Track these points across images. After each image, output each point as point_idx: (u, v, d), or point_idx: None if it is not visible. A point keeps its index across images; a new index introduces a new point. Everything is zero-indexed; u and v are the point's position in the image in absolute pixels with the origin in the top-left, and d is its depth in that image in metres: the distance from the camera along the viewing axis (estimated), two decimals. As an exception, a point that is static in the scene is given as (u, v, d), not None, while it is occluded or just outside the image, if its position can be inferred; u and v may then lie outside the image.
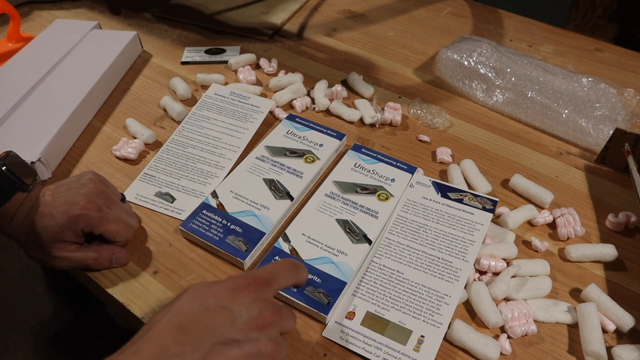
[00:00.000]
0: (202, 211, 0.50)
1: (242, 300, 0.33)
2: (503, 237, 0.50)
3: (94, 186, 0.44)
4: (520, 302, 0.43)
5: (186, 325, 0.30)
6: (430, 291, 0.44)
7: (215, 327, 0.31)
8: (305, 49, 0.80)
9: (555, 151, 0.62)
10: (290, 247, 0.47)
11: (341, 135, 0.60)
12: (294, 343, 0.41)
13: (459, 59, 0.68)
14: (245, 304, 0.33)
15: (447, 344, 0.41)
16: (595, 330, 0.41)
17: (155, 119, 0.64)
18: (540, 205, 0.53)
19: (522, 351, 0.41)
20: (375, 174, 0.55)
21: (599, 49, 0.81)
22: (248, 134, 0.60)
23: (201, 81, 0.69)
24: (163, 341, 0.30)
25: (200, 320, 0.31)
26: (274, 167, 0.55)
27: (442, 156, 0.59)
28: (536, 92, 0.64)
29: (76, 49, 0.72)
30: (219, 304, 0.32)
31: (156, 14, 0.87)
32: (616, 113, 0.61)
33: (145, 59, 0.76)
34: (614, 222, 0.51)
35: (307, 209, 0.51)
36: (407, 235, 0.49)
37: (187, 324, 0.30)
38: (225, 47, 0.78)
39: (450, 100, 0.70)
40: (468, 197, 0.52)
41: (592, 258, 0.48)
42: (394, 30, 0.86)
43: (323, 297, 0.43)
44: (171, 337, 0.30)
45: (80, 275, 0.47)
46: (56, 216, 0.42)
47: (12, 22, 0.74)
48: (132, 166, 0.57)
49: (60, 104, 0.61)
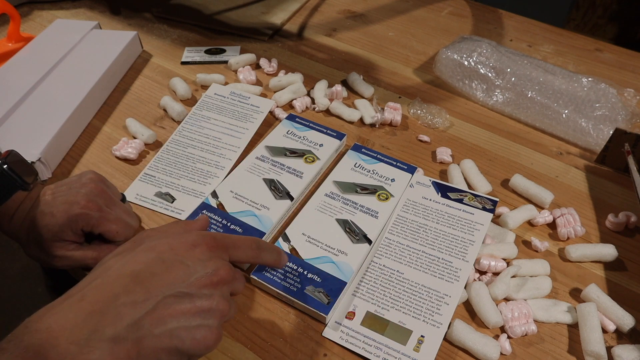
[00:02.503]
0: (202, 211, 0.50)
1: (198, 256, 0.32)
2: (503, 237, 0.50)
3: (94, 186, 0.45)
4: (520, 302, 0.43)
5: (139, 275, 0.30)
6: (430, 291, 0.44)
7: (169, 280, 0.30)
8: (305, 49, 0.80)
9: (555, 151, 0.62)
10: (290, 247, 0.47)
11: (341, 135, 0.60)
12: (294, 343, 0.41)
13: (459, 59, 0.68)
14: (202, 261, 0.32)
15: (447, 344, 0.41)
16: (595, 330, 0.41)
17: (155, 119, 0.64)
18: (540, 205, 0.53)
19: (522, 351, 0.41)
20: (375, 174, 0.55)
21: (599, 49, 0.81)
22: (248, 134, 0.60)
23: (201, 81, 0.69)
24: (113, 288, 0.29)
25: (155, 272, 0.30)
26: (274, 167, 0.55)
27: (442, 156, 0.59)
28: (536, 92, 0.64)
29: (76, 49, 0.72)
30: (175, 257, 0.32)
31: (156, 14, 0.87)
32: (616, 113, 0.61)
33: (145, 59, 0.76)
34: (614, 222, 0.51)
35: (307, 209, 0.51)
36: (407, 235, 0.49)
37: (140, 273, 0.30)
38: (225, 47, 0.78)
39: (450, 100, 0.70)
40: (468, 197, 0.52)
41: (592, 258, 0.48)
42: (394, 30, 0.86)
43: (323, 296, 0.43)
44: (122, 286, 0.29)
45: (80, 275, 0.47)
46: (56, 215, 0.42)
47: (12, 22, 0.74)
48: (132, 166, 0.57)
49: (60, 104, 0.61)
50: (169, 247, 0.32)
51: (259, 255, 0.38)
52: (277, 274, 0.45)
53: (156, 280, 0.30)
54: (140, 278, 0.30)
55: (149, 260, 0.31)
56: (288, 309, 0.44)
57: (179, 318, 0.30)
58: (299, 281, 0.44)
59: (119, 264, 0.31)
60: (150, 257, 0.31)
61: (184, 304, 0.30)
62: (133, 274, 0.30)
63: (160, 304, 0.29)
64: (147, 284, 0.30)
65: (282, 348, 0.41)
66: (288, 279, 0.44)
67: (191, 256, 0.32)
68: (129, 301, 0.29)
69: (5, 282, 0.64)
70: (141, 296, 0.29)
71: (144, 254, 0.32)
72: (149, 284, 0.30)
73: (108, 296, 0.29)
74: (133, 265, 0.31)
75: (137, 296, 0.29)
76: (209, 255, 0.33)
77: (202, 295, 0.31)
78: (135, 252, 0.32)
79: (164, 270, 0.31)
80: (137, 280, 0.30)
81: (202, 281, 0.32)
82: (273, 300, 0.44)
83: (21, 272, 0.64)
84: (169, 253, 0.32)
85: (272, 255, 0.40)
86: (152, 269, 0.30)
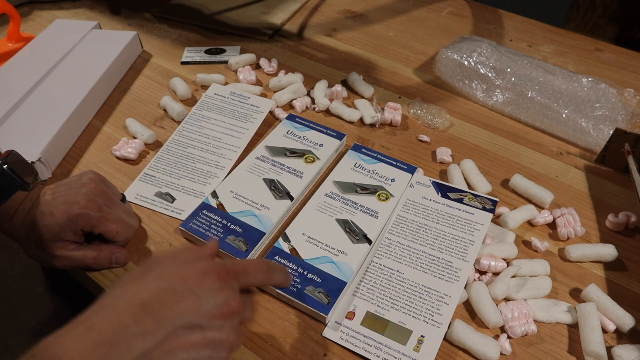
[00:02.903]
0: (202, 211, 0.50)
1: (209, 286, 0.32)
2: (503, 237, 0.50)
3: (94, 186, 0.45)
4: (520, 302, 0.43)
5: (149, 305, 0.29)
6: (430, 291, 0.44)
7: (180, 311, 0.30)
8: (305, 49, 0.80)
9: (555, 151, 0.62)
10: (290, 247, 0.47)
11: (341, 135, 0.60)
12: (294, 343, 0.41)
13: (459, 59, 0.68)
14: (213, 291, 0.32)
15: (447, 344, 0.41)
16: (595, 330, 0.41)
17: (155, 119, 0.64)
18: (540, 205, 0.53)
19: (522, 351, 0.41)
20: (375, 174, 0.55)
21: (599, 49, 0.81)
22: (248, 134, 0.60)
23: (201, 81, 0.69)
24: (122, 319, 0.29)
25: (165, 302, 0.30)
26: (274, 167, 0.55)
27: (442, 156, 0.59)
28: (536, 92, 0.64)
29: (76, 49, 0.72)
30: (186, 287, 0.31)
31: (156, 14, 0.87)
32: (616, 113, 0.61)
33: (145, 59, 0.76)
34: (614, 222, 0.51)
35: (307, 209, 0.51)
36: (407, 235, 0.49)
37: (151, 303, 0.29)
38: (225, 47, 0.78)
39: (450, 100, 0.70)
40: (468, 197, 0.52)
41: (592, 258, 0.48)
42: (394, 30, 0.86)
43: (323, 296, 0.43)
44: (132, 316, 0.29)
45: (80, 275, 0.47)
46: (56, 215, 0.42)
47: (12, 22, 0.74)
48: (132, 166, 0.57)
49: (60, 104, 0.61)
50: (179, 275, 0.32)
51: (270, 278, 0.38)
52: (277, 274, 0.45)
53: (166, 311, 0.30)
54: (151, 308, 0.29)
55: (160, 289, 0.31)
56: (288, 309, 0.44)
57: (189, 350, 0.30)
58: (299, 281, 0.44)
59: (129, 292, 0.30)
60: (160, 286, 0.31)
61: (194, 335, 0.30)
62: (143, 303, 0.29)
63: (170, 335, 0.29)
64: (157, 314, 0.29)
65: (282, 348, 0.41)
66: (288, 279, 0.44)
67: (202, 286, 0.32)
68: (138, 332, 0.28)
69: (5, 282, 0.63)
70: (151, 327, 0.29)
71: (155, 282, 0.31)
72: (159, 315, 0.29)
73: (117, 326, 0.28)
74: (143, 294, 0.30)
75: (147, 327, 0.29)
76: (219, 285, 0.33)
77: (212, 327, 0.31)
78: (145, 281, 0.31)
79: (174, 300, 0.30)
80: (147, 311, 0.29)
81: (212, 312, 0.31)
82: (273, 300, 0.44)
83: (21, 272, 0.64)
84: (179, 282, 0.31)
85: (281, 275, 0.40)
86: (163, 299, 0.30)
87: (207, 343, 0.31)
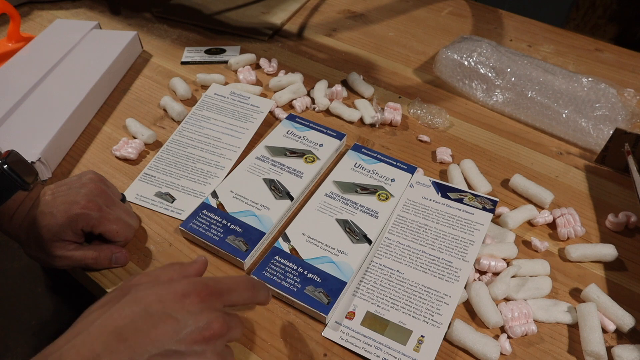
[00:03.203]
0: (202, 211, 0.50)
1: (189, 308, 0.30)
2: (503, 237, 0.50)
3: (94, 186, 0.45)
4: (520, 302, 0.43)
5: (123, 332, 0.27)
6: (430, 291, 0.44)
7: (157, 337, 0.28)
8: (305, 49, 0.80)
9: (555, 151, 0.62)
10: (290, 247, 0.47)
11: (341, 135, 0.60)
12: (294, 343, 0.41)
13: (459, 59, 0.68)
14: (193, 314, 0.30)
15: (447, 344, 0.41)
16: (595, 330, 0.41)
17: (155, 119, 0.64)
18: (540, 205, 0.53)
19: (522, 351, 0.41)
20: (375, 174, 0.55)
21: (599, 49, 0.81)
22: (248, 134, 0.60)
23: (201, 81, 0.69)
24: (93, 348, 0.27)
25: (141, 327, 0.28)
26: (274, 167, 0.55)
27: (442, 156, 0.59)
28: (536, 92, 0.64)
29: (76, 49, 0.72)
30: (163, 310, 0.29)
31: (156, 14, 0.87)
32: (616, 113, 0.61)
33: (145, 59, 0.76)
34: (614, 222, 0.51)
35: (307, 209, 0.51)
36: (407, 235, 0.49)
37: (125, 330, 0.27)
38: (225, 47, 0.78)
39: (450, 100, 0.70)
40: (468, 197, 0.52)
41: (592, 258, 0.48)
42: (394, 30, 0.86)
43: (323, 296, 0.43)
44: (103, 345, 0.27)
45: (80, 275, 0.47)
46: (56, 215, 0.42)
47: (12, 22, 0.74)
48: (132, 166, 0.57)
49: (60, 104, 0.61)
50: (156, 298, 0.29)
51: (255, 296, 0.35)
52: (277, 274, 0.45)
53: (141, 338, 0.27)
54: (124, 335, 0.27)
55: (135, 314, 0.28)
56: (288, 309, 0.44)
57: None
58: (299, 281, 0.44)
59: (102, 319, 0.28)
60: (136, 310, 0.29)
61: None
62: (116, 330, 0.27)
63: None
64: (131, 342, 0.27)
65: (282, 348, 0.41)
66: (288, 279, 0.44)
67: (181, 308, 0.29)
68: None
69: (5, 282, 0.63)
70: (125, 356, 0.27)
71: (129, 307, 0.29)
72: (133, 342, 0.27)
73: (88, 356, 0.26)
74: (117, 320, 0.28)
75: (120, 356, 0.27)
76: (200, 307, 0.30)
77: (192, 353, 0.29)
78: (120, 305, 0.29)
79: (150, 325, 0.28)
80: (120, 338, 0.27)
81: (192, 337, 0.29)
82: (273, 300, 0.44)
83: (21, 272, 0.64)
84: (156, 305, 0.29)
85: (264, 292, 0.36)
86: (137, 325, 0.28)
87: None
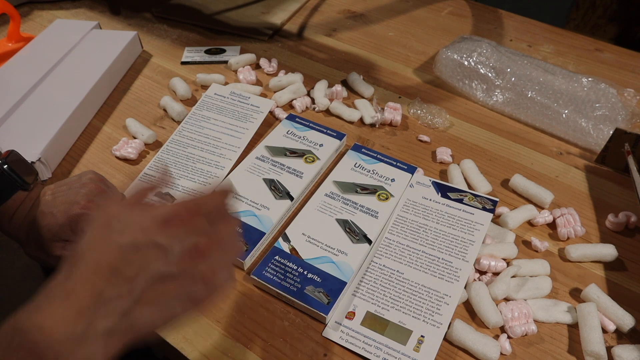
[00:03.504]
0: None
1: (174, 233, 0.31)
2: (503, 237, 0.50)
3: (94, 186, 0.45)
4: (520, 302, 0.43)
5: (117, 267, 0.29)
6: (430, 291, 0.44)
7: (148, 265, 0.30)
8: (305, 49, 0.80)
9: (555, 151, 0.62)
10: (290, 247, 0.47)
11: (341, 135, 0.60)
12: (294, 343, 0.41)
13: (459, 59, 0.68)
14: (178, 238, 0.31)
15: (447, 344, 0.41)
16: (595, 330, 0.41)
17: (155, 119, 0.64)
18: (540, 205, 0.53)
19: (522, 351, 0.41)
20: (375, 174, 0.55)
21: (599, 49, 0.81)
22: (248, 134, 0.60)
23: (201, 81, 0.69)
24: (96, 283, 0.29)
25: (132, 260, 0.30)
26: (274, 167, 0.55)
27: (442, 156, 0.59)
28: (536, 92, 0.64)
29: (76, 49, 0.71)
30: (149, 239, 0.30)
31: (156, 14, 0.87)
32: (616, 113, 0.61)
33: (145, 59, 0.76)
34: (614, 222, 0.51)
35: (307, 209, 0.51)
36: (407, 235, 0.49)
37: (118, 265, 0.29)
38: (225, 47, 0.78)
39: (450, 100, 0.70)
40: (468, 197, 0.52)
41: (592, 258, 0.48)
42: (394, 30, 0.86)
43: (323, 296, 0.43)
44: (104, 280, 0.29)
45: (80, 275, 0.47)
46: (56, 215, 0.42)
47: (12, 22, 0.74)
48: (132, 166, 0.57)
49: (60, 104, 0.61)
50: (139, 228, 0.31)
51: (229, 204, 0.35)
52: (277, 274, 0.45)
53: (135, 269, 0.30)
54: (119, 270, 0.29)
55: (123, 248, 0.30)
56: (288, 309, 0.44)
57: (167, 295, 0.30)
58: (299, 281, 0.44)
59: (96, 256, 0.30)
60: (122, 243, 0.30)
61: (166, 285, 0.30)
62: (110, 266, 0.29)
63: (145, 290, 0.29)
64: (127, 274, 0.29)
65: (282, 348, 0.41)
66: (288, 279, 0.44)
67: (166, 235, 0.31)
68: (114, 295, 0.29)
69: (5, 282, 0.63)
70: (125, 288, 0.29)
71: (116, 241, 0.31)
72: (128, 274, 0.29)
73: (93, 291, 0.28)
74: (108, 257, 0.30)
75: (121, 288, 0.29)
76: (184, 230, 0.31)
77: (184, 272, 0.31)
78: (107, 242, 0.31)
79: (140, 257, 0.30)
80: (116, 272, 0.29)
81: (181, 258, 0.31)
82: (273, 300, 0.44)
83: (21, 272, 0.64)
84: (141, 235, 0.31)
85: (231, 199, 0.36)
86: (128, 258, 0.30)
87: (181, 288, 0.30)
